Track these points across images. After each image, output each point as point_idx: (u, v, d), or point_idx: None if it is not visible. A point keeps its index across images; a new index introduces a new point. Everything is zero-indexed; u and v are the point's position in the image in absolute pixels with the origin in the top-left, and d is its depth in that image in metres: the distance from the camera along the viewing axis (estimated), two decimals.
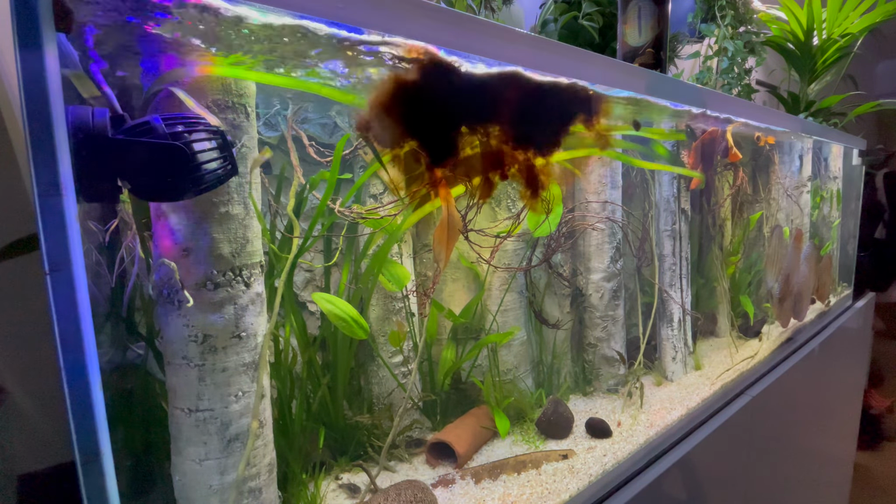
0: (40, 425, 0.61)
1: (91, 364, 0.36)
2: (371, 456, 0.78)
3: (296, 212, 0.67)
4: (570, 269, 1.04)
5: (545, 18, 1.03)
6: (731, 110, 0.99)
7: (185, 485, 0.53)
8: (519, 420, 0.92)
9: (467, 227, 0.74)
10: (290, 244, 0.67)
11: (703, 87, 0.93)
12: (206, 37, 0.45)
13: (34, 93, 0.32)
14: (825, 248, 1.83)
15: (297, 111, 0.69)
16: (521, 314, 0.95)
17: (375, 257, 0.76)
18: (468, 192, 0.74)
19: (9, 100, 0.60)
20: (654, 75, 0.72)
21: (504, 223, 0.88)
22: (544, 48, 0.58)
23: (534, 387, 0.97)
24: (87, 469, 0.36)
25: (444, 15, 0.48)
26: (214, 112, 0.52)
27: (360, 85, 0.63)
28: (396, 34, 0.46)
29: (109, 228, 0.60)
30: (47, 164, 0.33)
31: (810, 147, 1.68)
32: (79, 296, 0.35)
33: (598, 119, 0.68)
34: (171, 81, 0.50)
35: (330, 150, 0.73)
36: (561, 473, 0.78)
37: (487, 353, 0.90)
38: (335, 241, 0.77)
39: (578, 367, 1.06)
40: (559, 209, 0.89)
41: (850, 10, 1.58)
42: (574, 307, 1.04)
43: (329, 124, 0.74)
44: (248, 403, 0.55)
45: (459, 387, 0.89)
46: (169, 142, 0.42)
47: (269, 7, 0.39)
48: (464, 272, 0.90)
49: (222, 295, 0.52)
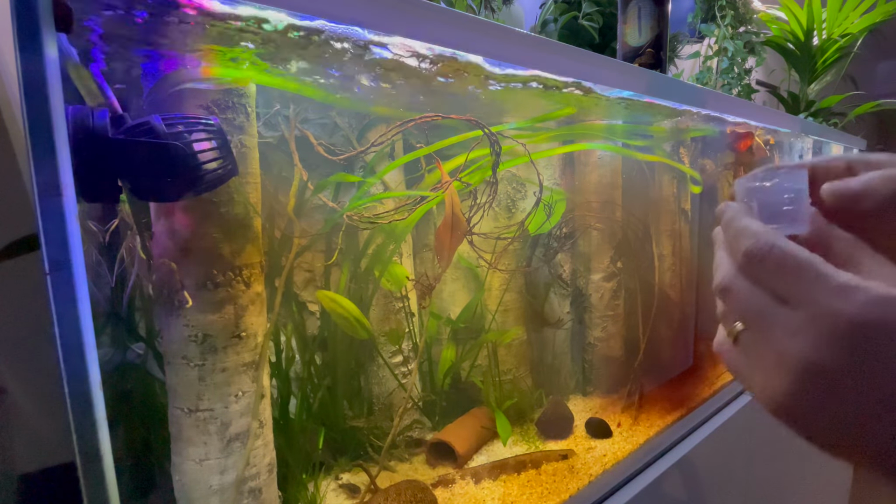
0: (40, 425, 0.61)
1: (91, 364, 0.36)
2: (371, 456, 0.77)
3: (296, 212, 0.67)
4: (570, 269, 1.03)
5: (545, 18, 1.03)
6: (731, 110, 0.99)
7: (185, 485, 0.53)
8: (519, 420, 0.92)
9: (471, 230, 0.74)
10: (290, 244, 0.67)
11: (704, 87, 0.93)
12: (207, 36, 0.45)
13: (34, 93, 0.32)
14: None
15: (299, 112, 0.69)
16: (521, 314, 0.95)
17: (376, 257, 0.76)
18: (472, 195, 0.74)
19: (9, 100, 0.60)
20: (654, 75, 0.72)
21: (504, 223, 0.88)
22: (544, 48, 0.58)
23: (534, 387, 0.97)
24: (87, 469, 0.36)
25: (444, 15, 0.48)
26: (214, 112, 0.51)
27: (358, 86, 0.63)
28: (396, 34, 0.46)
29: (109, 228, 0.60)
30: (47, 164, 0.33)
31: (810, 147, 1.68)
32: (79, 296, 0.35)
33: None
34: (174, 82, 0.50)
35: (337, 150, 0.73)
36: (561, 473, 0.78)
37: (487, 353, 0.90)
38: (335, 240, 0.77)
39: (578, 367, 1.06)
40: (560, 209, 0.89)
41: (850, 10, 1.58)
42: (574, 307, 1.04)
43: (329, 124, 0.74)
44: (248, 403, 0.55)
45: (459, 387, 0.89)
46: (169, 142, 0.42)
47: (269, 7, 0.39)
48: (464, 272, 0.90)
49: (222, 295, 0.52)
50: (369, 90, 0.65)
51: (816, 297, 0.23)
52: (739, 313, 0.27)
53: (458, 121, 0.66)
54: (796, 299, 0.24)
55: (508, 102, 0.76)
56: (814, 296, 0.23)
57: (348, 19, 0.42)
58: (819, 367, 0.23)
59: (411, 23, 0.46)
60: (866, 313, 0.22)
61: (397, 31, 0.46)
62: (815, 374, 0.23)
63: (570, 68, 0.62)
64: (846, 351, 0.22)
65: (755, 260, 0.26)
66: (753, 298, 0.26)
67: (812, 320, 0.23)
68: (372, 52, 0.50)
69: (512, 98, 0.72)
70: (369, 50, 0.50)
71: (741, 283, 0.27)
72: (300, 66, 0.55)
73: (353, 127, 0.75)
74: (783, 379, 0.24)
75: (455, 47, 0.50)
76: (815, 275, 0.24)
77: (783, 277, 0.25)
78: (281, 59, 0.53)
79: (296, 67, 0.56)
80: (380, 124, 0.75)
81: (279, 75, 0.58)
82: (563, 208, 0.90)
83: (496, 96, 0.70)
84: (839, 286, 0.23)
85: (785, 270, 0.25)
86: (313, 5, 0.40)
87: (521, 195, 0.91)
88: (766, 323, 0.25)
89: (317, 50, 0.49)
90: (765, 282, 0.26)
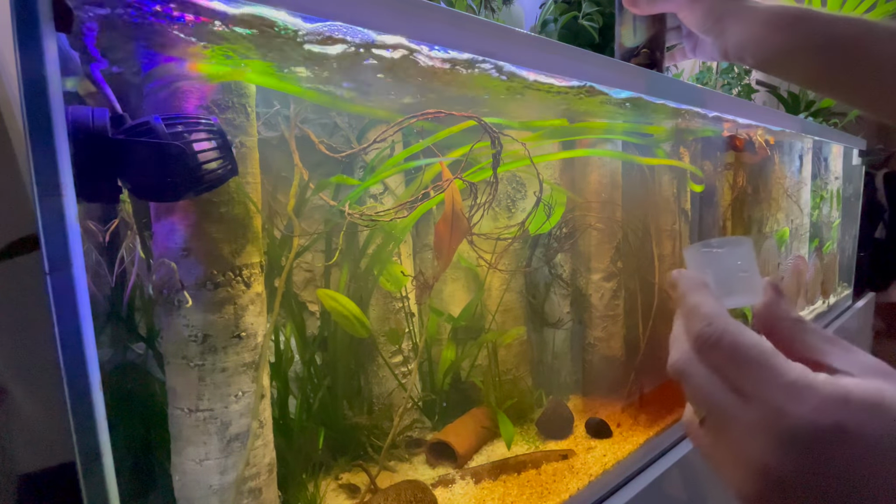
0: (40, 425, 0.61)
1: (91, 364, 0.36)
2: (371, 456, 0.77)
3: (296, 212, 0.67)
4: (570, 269, 1.03)
5: (545, 18, 1.03)
6: (731, 110, 0.99)
7: (185, 485, 0.53)
8: (519, 420, 0.92)
9: (472, 230, 0.74)
10: (289, 244, 0.67)
11: (703, 87, 0.93)
12: (208, 36, 0.45)
13: (34, 93, 0.32)
14: (826, 247, 1.83)
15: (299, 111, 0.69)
16: (521, 314, 0.95)
17: (375, 257, 0.76)
18: (472, 194, 0.74)
19: (9, 100, 0.60)
20: (654, 75, 0.72)
21: (505, 223, 0.88)
22: (544, 48, 0.58)
23: (534, 387, 0.97)
24: (87, 469, 0.36)
25: (444, 15, 0.48)
26: (214, 112, 0.52)
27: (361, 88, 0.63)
28: (396, 34, 0.46)
29: (109, 228, 0.60)
30: (47, 164, 0.33)
31: (810, 147, 1.68)
32: (79, 296, 0.35)
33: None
34: (174, 81, 0.50)
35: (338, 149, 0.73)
36: (561, 473, 0.78)
37: (487, 353, 0.90)
38: (335, 240, 0.77)
39: (578, 367, 1.06)
40: (561, 209, 0.89)
41: (850, 10, 1.58)
42: (574, 307, 1.04)
43: (329, 124, 0.74)
44: (248, 403, 0.55)
45: (459, 387, 0.89)
46: (169, 142, 0.42)
47: (268, 6, 0.39)
48: (464, 272, 0.90)
49: (222, 295, 0.52)
50: (372, 90, 0.65)
51: (767, 396, 0.22)
52: (697, 400, 0.26)
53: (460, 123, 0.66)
54: (749, 394, 0.23)
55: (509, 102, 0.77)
56: (765, 393, 0.22)
57: (348, 19, 0.42)
58: (773, 472, 0.22)
59: (411, 23, 0.46)
60: (817, 418, 0.21)
61: (396, 31, 0.46)
62: (769, 478, 0.22)
63: (570, 68, 0.62)
64: (799, 457, 0.21)
65: (706, 346, 0.25)
66: (709, 387, 0.25)
67: (765, 419, 0.22)
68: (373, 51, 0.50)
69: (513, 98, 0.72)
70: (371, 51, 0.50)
71: (696, 368, 0.25)
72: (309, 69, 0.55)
73: (353, 127, 0.75)
74: (742, 478, 0.23)
75: (456, 47, 0.50)
76: (766, 369, 0.23)
77: (735, 368, 0.24)
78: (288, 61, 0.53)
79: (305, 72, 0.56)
80: (380, 124, 0.75)
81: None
82: (563, 209, 0.90)
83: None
84: (789, 385, 0.22)
85: (736, 362, 0.24)
86: (313, 5, 0.40)
87: (521, 195, 0.92)
88: (722, 416, 0.24)
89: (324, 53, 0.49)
90: (719, 370, 0.25)
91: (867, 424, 0.21)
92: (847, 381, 0.22)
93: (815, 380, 0.22)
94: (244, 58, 0.51)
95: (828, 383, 0.22)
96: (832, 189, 1.88)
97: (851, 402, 0.21)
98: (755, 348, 0.23)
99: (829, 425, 0.21)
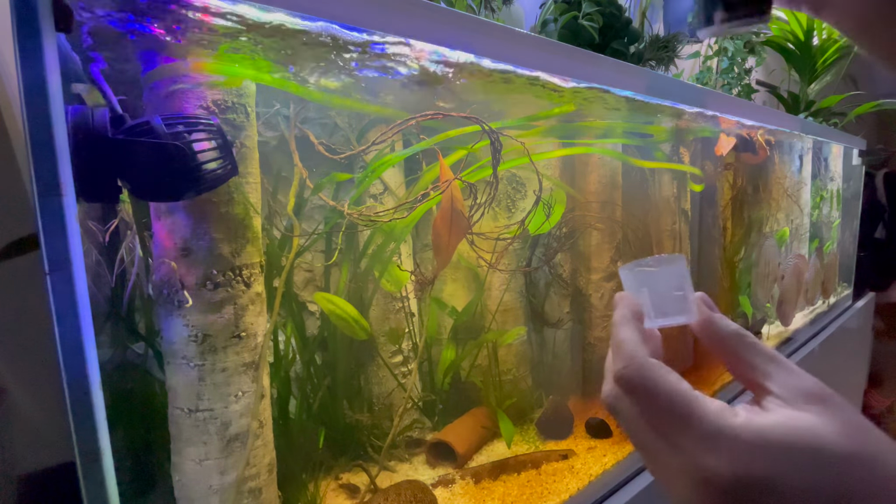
0: (40, 425, 0.61)
1: (91, 364, 0.36)
2: (371, 456, 0.78)
3: (296, 212, 0.67)
4: (570, 269, 1.03)
5: (545, 18, 1.03)
6: (731, 110, 0.99)
7: (185, 485, 0.53)
8: (519, 420, 0.92)
9: (471, 228, 0.74)
10: (289, 244, 0.67)
11: (703, 87, 0.93)
12: (207, 35, 0.45)
13: (34, 93, 0.32)
14: (826, 247, 1.83)
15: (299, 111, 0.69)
16: (521, 314, 0.95)
17: (376, 257, 0.76)
18: (472, 194, 0.74)
19: (9, 100, 0.60)
20: (654, 75, 0.72)
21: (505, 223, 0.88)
22: (545, 48, 0.58)
23: (534, 387, 0.97)
24: (87, 469, 0.36)
25: (444, 15, 0.48)
26: (214, 112, 0.51)
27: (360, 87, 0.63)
28: (395, 34, 0.46)
29: (109, 228, 0.60)
30: (47, 164, 0.33)
31: (810, 147, 1.68)
32: (79, 296, 0.35)
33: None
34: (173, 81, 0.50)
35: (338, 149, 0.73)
36: (561, 473, 0.78)
37: (487, 353, 0.90)
38: (334, 240, 0.77)
39: (578, 367, 1.06)
40: (560, 209, 0.89)
41: None
42: (574, 307, 1.04)
43: (329, 124, 0.74)
44: (248, 403, 0.55)
45: (459, 387, 0.89)
46: (169, 142, 0.42)
47: (267, 6, 0.39)
48: (464, 272, 0.90)
49: (222, 295, 0.52)
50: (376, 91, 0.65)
51: (685, 446, 0.22)
52: (628, 436, 0.26)
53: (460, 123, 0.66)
54: (670, 439, 0.23)
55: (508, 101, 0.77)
56: (683, 443, 0.22)
57: (347, 19, 0.42)
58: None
59: (411, 22, 0.46)
60: (736, 469, 0.21)
61: (396, 31, 0.46)
62: None
63: (571, 68, 0.62)
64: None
65: (626, 388, 0.25)
66: (635, 426, 0.25)
67: (686, 469, 0.22)
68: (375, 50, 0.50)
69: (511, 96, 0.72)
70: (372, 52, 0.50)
71: (623, 405, 0.25)
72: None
73: (353, 127, 0.75)
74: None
75: (456, 47, 0.50)
76: (681, 419, 0.23)
77: (654, 414, 0.24)
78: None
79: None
80: (380, 124, 0.75)
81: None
82: (563, 208, 0.90)
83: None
84: (705, 436, 0.22)
85: (654, 407, 0.24)
86: (313, 5, 0.40)
87: (521, 195, 0.91)
88: (651, 456, 0.24)
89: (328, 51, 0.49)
90: (642, 413, 0.24)
91: (786, 470, 0.20)
92: (768, 420, 0.22)
93: (733, 424, 0.22)
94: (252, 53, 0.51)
95: (745, 428, 0.22)
96: (832, 189, 1.88)
97: (770, 447, 0.21)
98: (669, 395, 0.23)
99: (746, 476, 0.21)
